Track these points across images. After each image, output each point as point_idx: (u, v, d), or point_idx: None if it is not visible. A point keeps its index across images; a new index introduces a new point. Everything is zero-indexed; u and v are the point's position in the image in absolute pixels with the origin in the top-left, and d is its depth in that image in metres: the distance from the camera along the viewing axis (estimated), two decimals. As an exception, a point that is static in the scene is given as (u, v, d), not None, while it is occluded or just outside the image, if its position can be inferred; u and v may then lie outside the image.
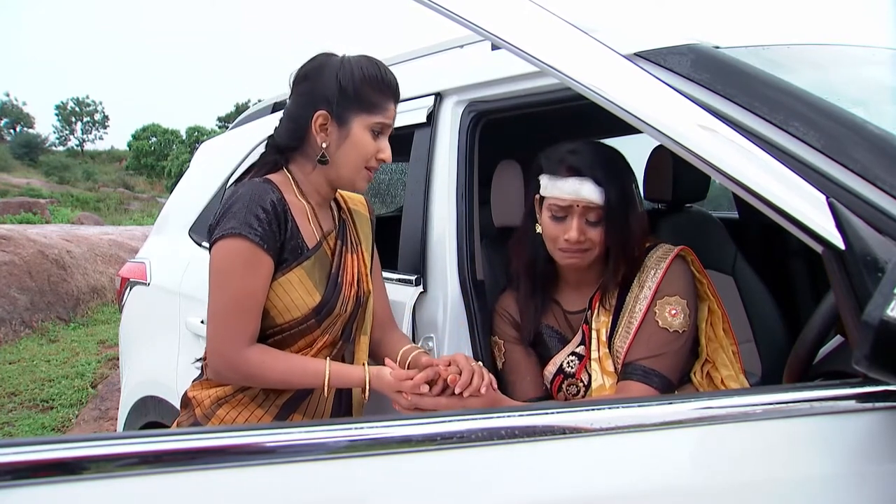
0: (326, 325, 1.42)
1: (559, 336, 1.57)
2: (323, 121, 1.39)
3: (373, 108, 1.39)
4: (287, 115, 1.46)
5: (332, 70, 1.39)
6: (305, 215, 1.42)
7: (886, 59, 1.57)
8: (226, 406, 1.42)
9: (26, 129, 54.80)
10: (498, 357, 1.61)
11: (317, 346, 1.42)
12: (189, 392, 1.48)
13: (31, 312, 7.24)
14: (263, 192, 1.35)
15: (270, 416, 1.42)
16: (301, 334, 1.40)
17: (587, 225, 1.44)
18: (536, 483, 0.81)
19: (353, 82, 1.37)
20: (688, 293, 1.46)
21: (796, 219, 0.88)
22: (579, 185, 1.42)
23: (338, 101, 1.37)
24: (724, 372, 1.49)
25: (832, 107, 0.98)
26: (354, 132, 1.39)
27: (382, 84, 1.40)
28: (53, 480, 0.71)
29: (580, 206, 1.43)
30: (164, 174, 42.60)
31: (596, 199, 1.42)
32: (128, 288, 2.75)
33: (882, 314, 0.74)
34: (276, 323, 1.39)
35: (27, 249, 7.76)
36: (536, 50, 0.95)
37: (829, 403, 0.85)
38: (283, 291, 1.37)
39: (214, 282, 1.35)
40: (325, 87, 1.38)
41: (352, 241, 1.52)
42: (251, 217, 1.31)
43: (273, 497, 0.76)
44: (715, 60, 1.10)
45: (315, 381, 1.35)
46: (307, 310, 1.38)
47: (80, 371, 5.68)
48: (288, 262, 1.37)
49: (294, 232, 1.38)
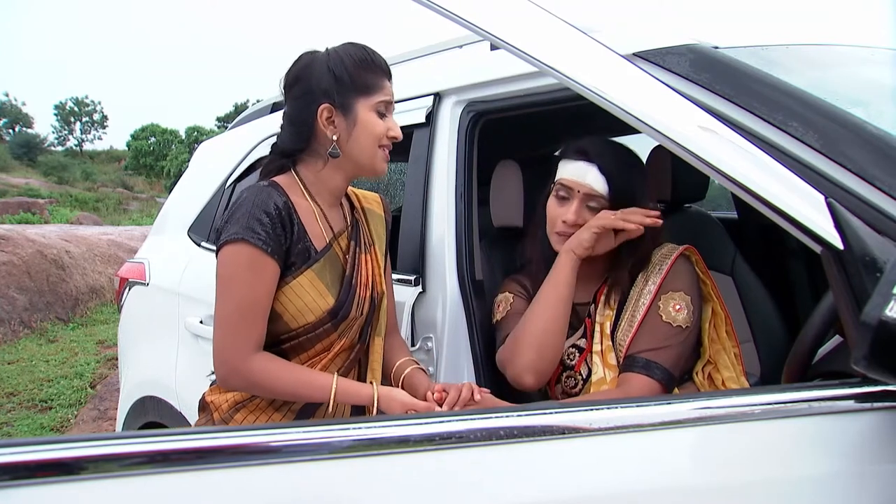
0: (343, 329, 1.40)
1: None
2: (328, 114, 1.38)
3: (371, 90, 1.39)
4: (288, 120, 1.45)
5: (321, 64, 1.39)
6: (314, 216, 1.41)
7: (886, 59, 1.57)
8: (243, 411, 1.40)
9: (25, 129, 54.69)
10: (501, 310, 1.61)
11: (334, 350, 1.40)
12: (207, 396, 1.47)
13: (29, 312, 7.24)
14: (267, 196, 1.34)
15: (288, 420, 1.40)
16: (318, 338, 1.38)
17: (587, 210, 1.48)
18: (535, 483, 0.81)
19: (346, 69, 1.37)
20: (691, 290, 1.47)
21: (795, 219, 0.88)
22: (585, 168, 1.47)
23: (337, 90, 1.37)
24: (725, 374, 1.50)
25: (831, 107, 0.98)
26: (361, 116, 1.38)
27: (374, 64, 1.40)
28: (52, 481, 0.71)
29: (582, 191, 1.47)
30: (163, 174, 42.55)
31: (598, 186, 1.46)
32: (127, 288, 2.75)
33: (880, 314, 0.74)
34: (290, 328, 1.37)
35: (26, 249, 7.75)
36: (535, 50, 0.95)
37: (827, 403, 0.85)
38: (295, 295, 1.35)
39: (219, 288, 1.33)
40: (320, 81, 1.38)
41: (365, 241, 1.50)
42: (254, 222, 1.30)
43: (273, 497, 0.76)
44: (714, 61, 1.10)
45: (321, 395, 1.33)
46: (321, 313, 1.37)
47: (78, 371, 5.68)
48: (296, 266, 1.35)
49: (301, 234, 1.36)
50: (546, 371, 1.48)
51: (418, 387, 1.44)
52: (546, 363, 1.47)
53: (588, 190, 1.47)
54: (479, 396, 1.33)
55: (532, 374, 1.46)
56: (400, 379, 1.49)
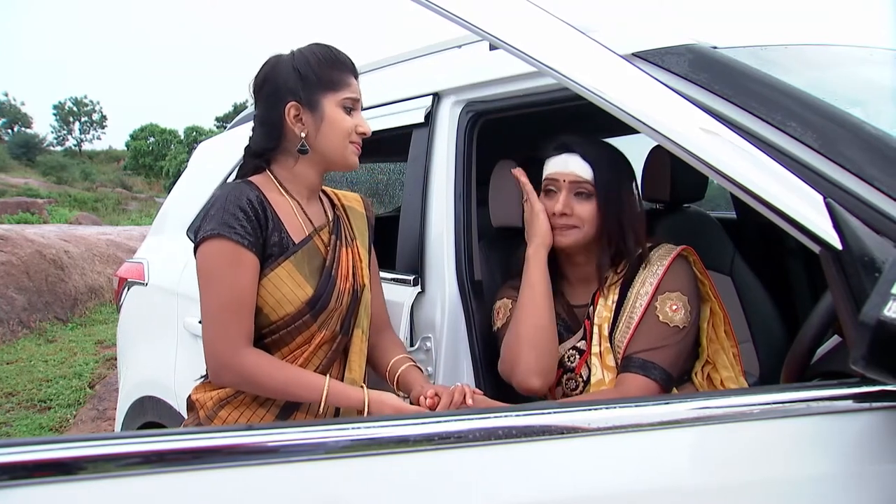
0: (323, 320, 1.42)
1: (564, 324, 1.57)
2: (296, 111, 1.41)
3: (337, 86, 1.42)
4: (259, 121, 1.48)
5: (286, 64, 1.43)
6: (291, 211, 1.44)
7: (884, 59, 1.57)
8: (228, 407, 1.41)
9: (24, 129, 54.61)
10: (501, 317, 1.61)
11: (315, 343, 1.42)
12: (192, 395, 1.48)
13: (28, 312, 7.23)
14: (240, 192, 1.37)
15: (272, 415, 1.41)
16: (297, 331, 1.40)
17: (575, 199, 1.50)
18: (534, 483, 0.81)
19: (310, 67, 1.41)
20: (689, 290, 1.47)
21: (794, 219, 0.88)
22: (566, 158, 1.51)
23: (302, 88, 1.41)
24: (724, 374, 1.50)
25: (830, 107, 0.98)
26: (328, 113, 1.41)
27: (338, 62, 1.44)
28: (51, 480, 0.71)
29: (567, 180, 1.50)
30: (162, 174, 42.53)
31: (582, 172, 1.49)
32: (126, 288, 2.75)
33: (879, 314, 0.74)
34: (270, 320, 1.39)
35: (25, 249, 7.75)
36: (534, 50, 0.95)
37: (826, 403, 0.85)
38: (273, 287, 1.37)
39: (203, 285, 1.36)
40: (286, 81, 1.42)
41: (346, 235, 1.53)
42: (229, 217, 1.34)
43: (272, 497, 0.76)
44: (713, 61, 1.10)
45: (312, 395, 1.35)
46: (300, 304, 1.38)
47: (77, 371, 5.67)
48: (274, 258, 1.38)
49: (276, 227, 1.39)
50: (548, 369, 1.48)
51: (412, 385, 1.45)
52: (546, 361, 1.47)
53: (573, 177, 1.49)
54: (471, 401, 1.34)
55: (536, 376, 1.46)
56: (395, 377, 1.49)
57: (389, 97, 1.89)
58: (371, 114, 1.86)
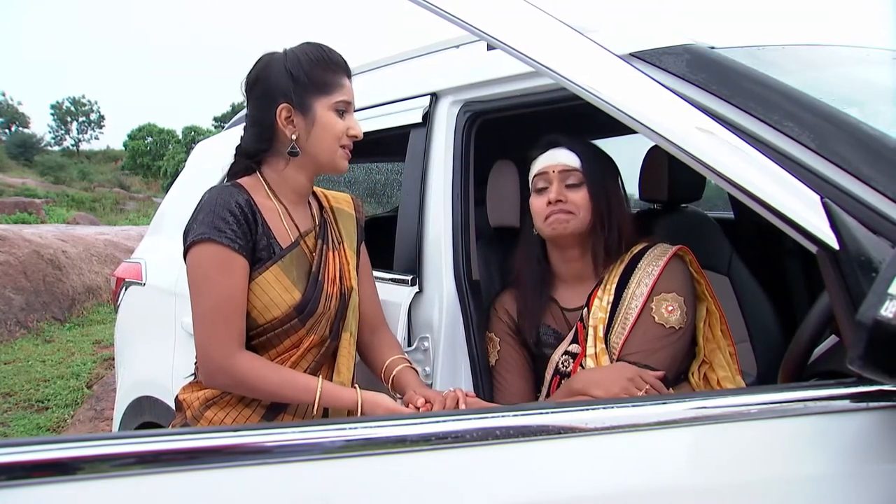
0: (311, 324, 1.41)
1: (556, 334, 1.57)
2: (287, 113, 1.40)
3: (329, 88, 1.41)
4: (250, 121, 1.47)
5: (279, 64, 1.42)
6: (278, 216, 1.43)
7: (882, 59, 1.57)
8: (214, 408, 1.41)
9: (22, 129, 54.60)
10: (492, 354, 1.61)
11: (303, 347, 1.41)
12: (179, 395, 1.49)
13: (26, 312, 7.22)
14: (228, 196, 1.37)
15: (258, 416, 1.41)
16: (285, 334, 1.40)
17: (567, 188, 1.52)
18: (532, 483, 0.81)
19: (302, 69, 1.40)
20: (685, 291, 1.47)
21: (791, 219, 0.88)
22: (553, 152, 1.55)
23: (294, 90, 1.39)
24: (720, 373, 1.49)
25: (827, 107, 0.98)
26: (319, 116, 1.40)
27: (331, 63, 1.42)
28: (49, 481, 0.71)
29: (557, 170, 1.52)
30: (160, 174, 42.47)
31: (570, 161, 1.52)
32: (123, 288, 2.75)
33: (876, 314, 0.74)
34: (257, 323, 1.38)
35: (22, 249, 7.74)
36: (532, 50, 0.95)
37: (823, 403, 0.85)
38: (261, 290, 1.37)
39: (193, 290, 1.36)
40: (277, 81, 1.40)
41: (333, 239, 1.52)
42: (219, 221, 1.33)
43: (269, 497, 0.76)
44: (710, 61, 1.10)
45: (306, 397, 1.35)
46: (287, 308, 1.38)
47: (75, 371, 5.67)
48: (262, 262, 1.38)
49: (265, 231, 1.39)
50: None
51: (407, 387, 1.44)
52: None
53: (562, 167, 1.52)
54: (464, 406, 1.34)
55: None
56: (390, 377, 1.49)
57: (387, 97, 1.89)
58: (369, 114, 1.86)
